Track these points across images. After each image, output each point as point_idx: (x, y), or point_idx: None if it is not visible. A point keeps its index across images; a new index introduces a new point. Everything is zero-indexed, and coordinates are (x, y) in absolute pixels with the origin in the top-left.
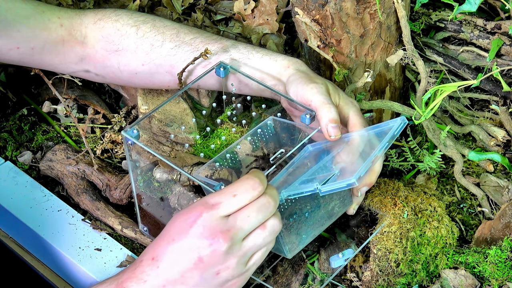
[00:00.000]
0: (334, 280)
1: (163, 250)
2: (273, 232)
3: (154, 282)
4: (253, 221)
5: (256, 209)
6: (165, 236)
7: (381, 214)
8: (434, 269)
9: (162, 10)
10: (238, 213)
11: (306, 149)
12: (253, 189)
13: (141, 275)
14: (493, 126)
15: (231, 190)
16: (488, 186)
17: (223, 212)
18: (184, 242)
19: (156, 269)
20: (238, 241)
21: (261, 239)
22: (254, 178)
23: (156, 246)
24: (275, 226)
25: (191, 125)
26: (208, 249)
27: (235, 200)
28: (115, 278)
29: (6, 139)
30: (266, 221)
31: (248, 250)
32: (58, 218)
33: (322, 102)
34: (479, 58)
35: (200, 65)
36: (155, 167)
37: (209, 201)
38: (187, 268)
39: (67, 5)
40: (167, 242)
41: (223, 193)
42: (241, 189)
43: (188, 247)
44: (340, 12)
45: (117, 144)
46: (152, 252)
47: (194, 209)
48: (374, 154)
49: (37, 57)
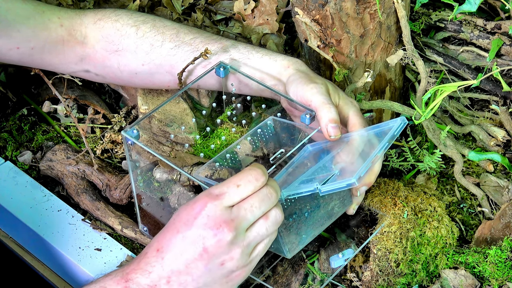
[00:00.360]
0: (334, 280)
1: (168, 242)
2: (275, 222)
3: (159, 273)
4: (256, 211)
5: (259, 199)
6: (170, 228)
7: (381, 214)
8: (434, 269)
9: (162, 10)
10: (241, 203)
11: (306, 149)
12: (256, 180)
13: (146, 267)
14: (493, 126)
15: (235, 180)
16: (488, 186)
17: (227, 202)
18: (189, 233)
19: (161, 260)
20: (242, 231)
21: (264, 229)
22: (257, 169)
23: (161, 238)
24: (277, 216)
25: (191, 125)
26: (213, 239)
27: (238, 191)
28: (120, 270)
29: (6, 139)
30: (269, 211)
31: (252, 240)
32: (58, 218)
33: (322, 102)
34: (479, 58)
35: (200, 65)
36: (155, 167)
37: (213, 192)
38: (192, 259)
39: (67, 5)
40: (172, 233)
41: (226, 184)
42: (245, 180)
43: (193, 238)
44: (340, 12)
45: (117, 144)
46: (157, 244)
47: (199, 200)
48: (374, 154)
49: (37, 57)
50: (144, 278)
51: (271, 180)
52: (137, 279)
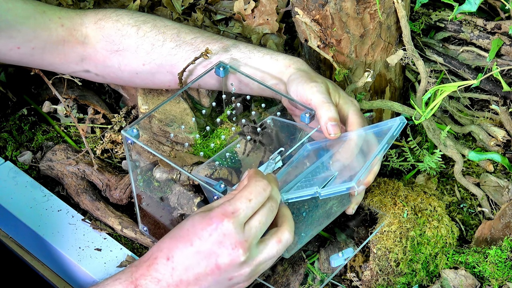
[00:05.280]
0: (334, 280)
1: (180, 253)
2: (286, 245)
3: (168, 281)
4: (263, 227)
5: (265, 215)
6: (182, 238)
7: (381, 213)
8: (434, 269)
9: (162, 10)
10: (252, 221)
11: (305, 148)
12: (264, 191)
13: (155, 273)
14: (493, 126)
15: (246, 195)
16: (488, 186)
17: (242, 219)
18: (203, 248)
19: (171, 270)
20: (254, 249)
21: (275, 251)
22: (263, 180)
23: (172, 246)
24: (289, 240)
25: (191, 125)
26: (227, 258)
27: (251, 205)
28: (128, 273)
29: (6, 139)
30: (282, 234)
31: (262, 260)
32: (58, 218)
33: (322, 101)
34: (479, 58)
35: (201, 64)
36: (155, 167)
37: (228, 209)
38: (204, 273)
39: (67, 5)
40: (184, 245)
41: (239, 199)
42: (255, 192)
43: (207, 254)
44: (340, 12)
45: (117, 144)
46: (167, 251)
47: (215, 217)
48: (374, 155)
49: (37, 57)
50: (153, 285)
51: (273, 189)
52: (146, 285)
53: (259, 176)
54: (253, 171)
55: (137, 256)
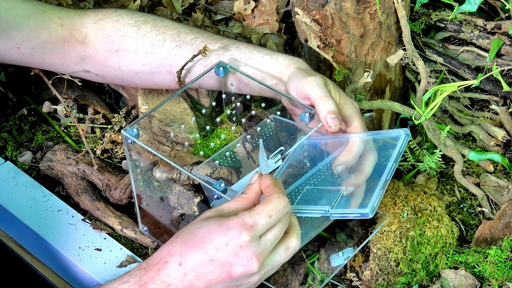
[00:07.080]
0: (334, 279)
1: (193, 260)
2: (293, 252)
3: (178, 286)
4: (277, 240)
5: (280, 230)
6: (197, 244)
7: (381, 213)
8: (434, 269)
9: (162, 10)
10: (267, 234)
11: (301, 144)
12: (284, 209)
13: (165, 278)
14: (493, 126)
15: (268, 211)
16: (488, 186)
17: (260, 233)
18: (218, 257)
19: (182, 275)
20: (266, 260)
21: (283, 258)
22: (284, 198)
23: (185, 252)
24: (296, 247)
25: (191, 124)
26: (241, 268)
27: (270, 221)
28: (137, 276)
29: (6, 139)
30: (290, 242)
31: (271, 268)
32: (58, 218)
33: (320, 95)
34: (479, 58)
35: (201, 64)
36: (155, 167)
37: (248, 221)
38: (215, 281)
39: (67, 5)
40: (198, 252)
41: (260, 213)
42: (276, 210)
43: (221, 263)
44: (340, 12)
45: (117, 144)
46: (179, 257)
47: (233, 228)
48: (384, 179)
49: (37, 57)
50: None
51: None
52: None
53: (281, 192)
54: (271, 181)
55: (137, 256)
